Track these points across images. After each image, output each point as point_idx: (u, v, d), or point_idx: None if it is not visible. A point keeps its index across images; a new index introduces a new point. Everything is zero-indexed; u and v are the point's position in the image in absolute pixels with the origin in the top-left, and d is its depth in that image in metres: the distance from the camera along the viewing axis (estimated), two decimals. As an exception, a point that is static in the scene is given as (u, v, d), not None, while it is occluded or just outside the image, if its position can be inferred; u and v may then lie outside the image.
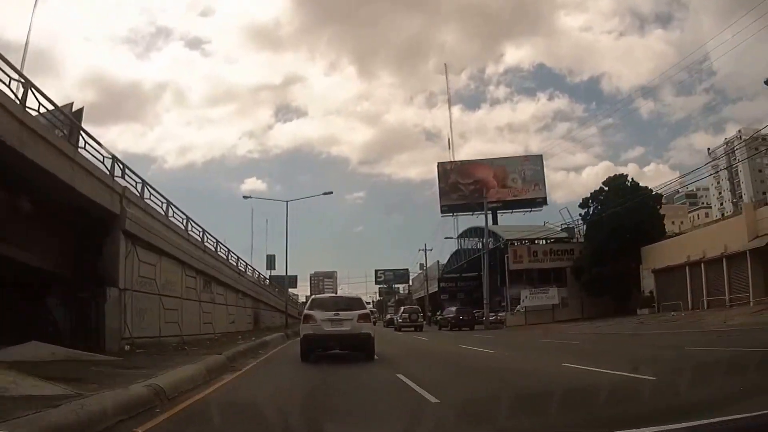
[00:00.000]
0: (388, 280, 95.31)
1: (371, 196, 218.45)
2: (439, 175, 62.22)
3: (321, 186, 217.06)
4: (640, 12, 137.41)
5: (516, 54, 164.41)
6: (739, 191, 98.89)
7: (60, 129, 13.99)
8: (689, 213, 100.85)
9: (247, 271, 34.20)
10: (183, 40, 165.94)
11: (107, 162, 15.51)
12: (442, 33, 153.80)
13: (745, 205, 38.11)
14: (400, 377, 9.38)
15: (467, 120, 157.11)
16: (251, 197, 41.50)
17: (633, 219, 37.89)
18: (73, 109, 15.99)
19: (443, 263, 71.93)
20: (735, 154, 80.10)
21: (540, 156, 63.39)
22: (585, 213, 42.69)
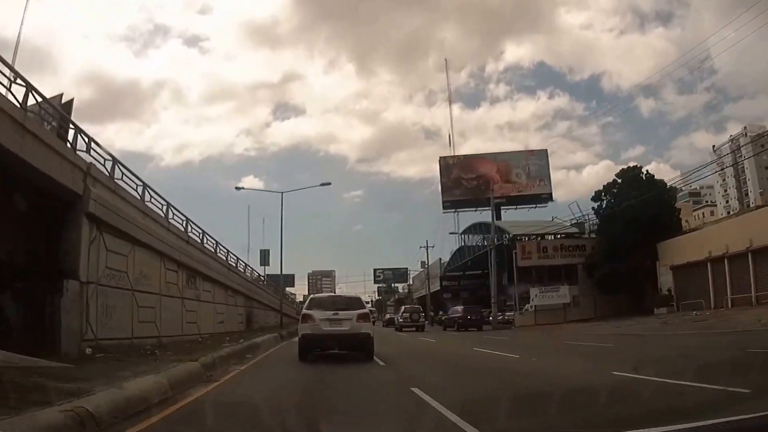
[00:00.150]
0: (387, 279, 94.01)
1: (370, 194, 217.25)
2: (441, 170, 60.09)
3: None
4: (640, 10, 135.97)
5: (516, 52, 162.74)
6: (745, 188, 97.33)
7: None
8: (693, 211, 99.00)
9: (239, 267, 31.84)
10: (181, 37, 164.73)
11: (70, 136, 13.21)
12: (442, 30, 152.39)
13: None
14: (416, 392, 7.22)
15: (467, 118, 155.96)
16: (243, 188, 39.32)
17: (648, 213, 36.01)
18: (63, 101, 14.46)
19: (445, 261, 69.77)
20: (741, 151, 78.87)
21: (545, 151, 61.58)
22: (598, 206, 40.51)
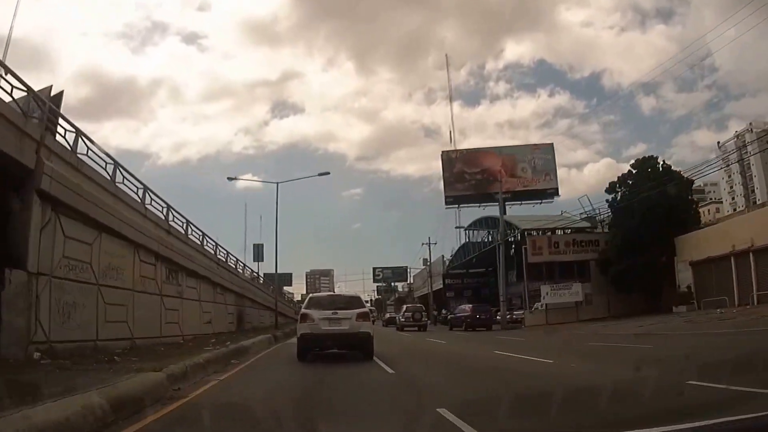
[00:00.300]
0: (386, 278, 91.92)
1: (369, 192, 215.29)
2: (444, 165, 57.72)
3: (317, 182, 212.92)
4: (641, 7, 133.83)
5: (516, 50, 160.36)
6: (752, 185, 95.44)
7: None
8: (699, 208, 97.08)
9: (230, 262, 29.55)
10: (179, 35, 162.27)
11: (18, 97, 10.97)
12: (441, 28, 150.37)
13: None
14: (443, 414, 5.07)
15: (467, 116, 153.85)
16: (236, 178, 36.98)
17: (665, 205, 33.91)
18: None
19: (448, 258, 67.54)
20: (746, 147, 77.08)
21: (551, 145, 59.13)
22: (612, 199, 38.30)
